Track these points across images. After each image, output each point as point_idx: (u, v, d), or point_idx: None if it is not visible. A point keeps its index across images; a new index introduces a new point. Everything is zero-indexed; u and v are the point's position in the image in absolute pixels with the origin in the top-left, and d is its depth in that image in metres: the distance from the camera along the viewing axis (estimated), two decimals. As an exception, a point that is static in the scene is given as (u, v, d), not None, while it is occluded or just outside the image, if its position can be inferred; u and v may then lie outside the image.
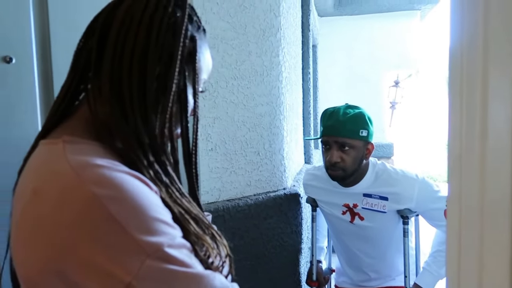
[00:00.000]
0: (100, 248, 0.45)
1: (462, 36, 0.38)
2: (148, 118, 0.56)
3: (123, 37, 0.55)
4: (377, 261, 1.54)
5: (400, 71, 5.84)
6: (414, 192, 1.38)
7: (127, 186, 0.48)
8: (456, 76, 0.39)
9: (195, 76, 0.61)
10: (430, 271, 1.43)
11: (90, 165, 0.48)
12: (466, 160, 0.38)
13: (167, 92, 0.57)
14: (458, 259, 0.40)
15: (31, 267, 0.48)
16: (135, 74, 0.55)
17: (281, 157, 1.75)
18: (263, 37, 1.64)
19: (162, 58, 0.57)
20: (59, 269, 0.46)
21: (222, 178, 1.56)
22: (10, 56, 0.76)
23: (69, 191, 0.46)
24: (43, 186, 0.49)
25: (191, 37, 0.61)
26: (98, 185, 0.46)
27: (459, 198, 0.40)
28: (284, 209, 1.69)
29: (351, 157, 1.38)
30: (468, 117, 0.38)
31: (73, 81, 0.60)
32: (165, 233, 0.49)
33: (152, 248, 0.47)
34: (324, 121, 1.44)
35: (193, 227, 0.55)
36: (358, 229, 1.50)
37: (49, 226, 0.46)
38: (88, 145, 0.54)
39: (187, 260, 0.50)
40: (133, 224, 0.46)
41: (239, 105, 1.58)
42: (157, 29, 0.56)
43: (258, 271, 1.64)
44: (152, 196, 0.51)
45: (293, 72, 2.16)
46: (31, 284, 0.49)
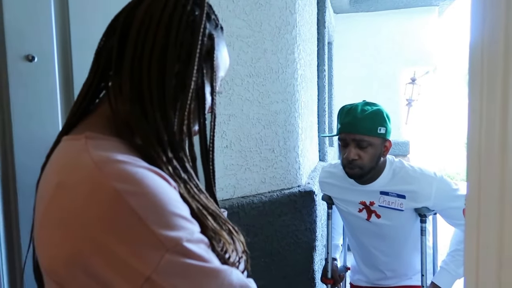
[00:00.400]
0: (122, 242, 0.46)
1: (483, 33, 0.38)
2: (167, 115, 0.57)
3: (143, 36, 0.56)
4: (393, 259, 1.53)
5: (417, 68, 5.75)
6: (432, 190, 1.36)
7: (148, 181, 0.49)
8: (476, 74, 0.39)
9: (213, 73, 0.62)
10: (448, 270, 1.41)
11: (111, 161, 0.50)
12: (485, 159, 0.38)
13: (186, 89, 0.58)
14: (477, 258, 0.40)
15: (56, 260, 0.49)
16: (154, 72, 0.56)
17: (295, 155, 1.75)
18: (278, 35, 1.64)
19: (181, 56, 0.57)
20: (83, 262, 0.47)
21: (237, 175, 1.57)
22: (32, 55, 0.78)
23: (92, 185, 0.48)
24: (67, 181, 0.50)
25: (209, 35, 0.62)
26: (120, 180, 0.48)
27: (477, 197, 0.39)
28: (299, 206, 1.69)
29: (369, 154, 1.36)
30: (488, 115, 0.37)
31: (94, 79, 0.61)
32: (184, 228, 0.50)
33: (171, 243, 0.48)
34: (342, 118, 1.42)
35: (210, 222, 0.56)
36: (375, 227, 1.48)
37: (73, 219, 0.48)
38: (109, 141, 0.55)
39: (205, 255, 0.51)
40: (153, 219, 0.47)
41: (254, 103, 1.59)
42: (176, 27, 0.57)
43: (272, 268, 1.65)
44: (171, 191, 0.52)
45: (308, 69, 2.16)
46: (55, 277, 0.50)
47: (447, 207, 1.39)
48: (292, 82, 1.71)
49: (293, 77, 1.71)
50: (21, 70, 0.77)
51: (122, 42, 0.58)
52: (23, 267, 0.66)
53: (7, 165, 0.76)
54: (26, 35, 0.78)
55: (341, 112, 1.44)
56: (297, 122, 1.75)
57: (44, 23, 0.80)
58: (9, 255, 0.78)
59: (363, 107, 1.39)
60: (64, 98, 0.85)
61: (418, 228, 1.44)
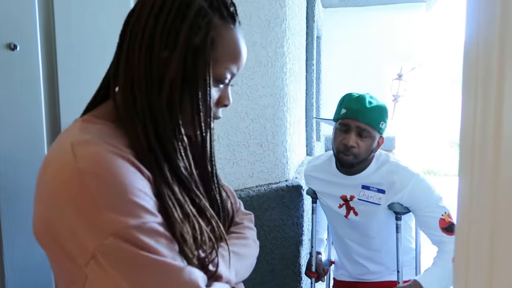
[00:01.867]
0: (77, 216, 0.50)
1: (479, 31, 0.37)
2: (153, 103, 0.58)
3: (137, 25, 0.59)
4: (374, 254, 1.55)
5: (403, 64, 5.80)
6: (409, 184, 1.38)
7: (112, 166, 0.52)
8: (471, 72, 0.38)
9: (206, 64, 0.60)
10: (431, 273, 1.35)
11: (88, 143, 0.54)
12: (478, 160, 0.38)
13: (169, 77, 0.58)
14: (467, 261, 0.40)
15: (37, 229, 0.56)
16: (143, 59, 0.58)
17: (283, 149, 1.75)
18: (268, 28, 1.62)
19: (168, 44, 0.58)
20: (52, 231, 0.53)
21: (225, 169, 1.56)
22: (14, 43, 0.75)
23: (63, 163, 0.53)
24: (49, 159, 0.56)
25: (207, 23, 0.59)
26: (86, 162, 0.51)
27: (469, 197, 0.39)
28: (286, 201, 1.69)
29: (366, 145, 1.38)
30: (482, 115, 0.37)
31: (110, 69, 0.65)
32: (137, 216, 0.51)
33: (117, 226, 0.50)
34: (349, 104, 1.40)
35: (175, 213, 0.56)
36: (353, 224, 1.51)
37: (46, 190, 0.54)
38: (102, 126, 0.59)
39: (155, 246, 0.51)
40: (106, 201, 0.50)
41: (242, 96, 1.58)
42: (165, 15, 0.58)
43: (259, 262, 1.64)
44: (137, 180, 0.53)
45: (297, 63, 2.15)
46: (41, 245, 0.57)
47: (420, 208, 1.39)
48: (281, 76, 1.70)
49: (282, 71, 1.70)
50: (3, 58, 0.74)
51: (122, 39, 0.62)
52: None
53: (-12, 157, 0.74)
54: (8, 22, 0.75)
55: (349, 98, 1.43)
56: (286, 117, 1.74)
57: (27, 10, 0.77)
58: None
59: (370, 99, 1.40)
60: (47, 87, 0.82)
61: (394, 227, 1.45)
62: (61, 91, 0.84)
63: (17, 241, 0.79)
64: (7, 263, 0.77)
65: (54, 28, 0.82)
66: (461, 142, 0.41)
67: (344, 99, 1.45)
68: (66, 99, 0.84)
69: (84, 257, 0.50)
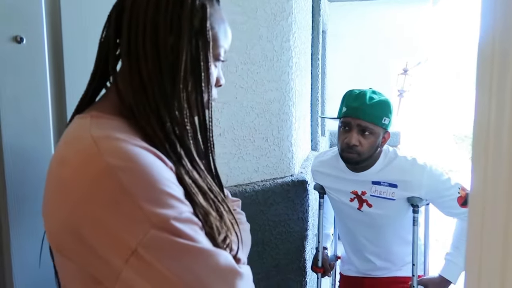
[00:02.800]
0: (111, 214, 0.49)
1: (495, 25, 0.36)
2: (165, 89, 0.59)
3: (135, 16, 0.59)
4: (383, 249, 1.54)
5: (409, 59, 5.76)
6: (423, 179, 1.37)
7: (141, 159, 0.52)
8: (485, 67, 0.37)
9: (207, 44, 0.62)
10: (455, 262, 1.42)
11: (109, 138, 0.53)
12: (492, 155, 0.37)
13: (179, 62, 0.59)
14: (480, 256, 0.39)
15: (53, 227, 0.54)
16: (149, 49, 0.58)
17: (289, 144, 1.74)
18: (274, 21, 1.61)
19: (173, 30, 0.59)
20: (76, 230, 0.50)
21: (230, 164, 1.56)
22: (21, 36, 0.75)
23: (88, 160, 0.51)
24: (67, 155, 0.54)
25: (201, 6, 0.62)
26: (114, 156, 0.50)
27: (483, 193, 0.38)
28: (291, 195, 1.69)
29: (369, 142, 1.36)
30: (497, 111, 0.36)
31: (98, 68, 0.65)
32: (173, 207, 0.52)
33: (157, 219, 0.50)
34: (349, 102, 1.39)
35: (198, 199, 0.58)
36: (366, 216, 1.49)
37: (70, 191, 0.51)
38: (113, 121, 0.58)
39: (193, 234, 0.53)
40: (142, 195, 0.50)
41: (248, 90, 1.57)
42: (165, 2, 0.59)
43: (264, 257, 1.65)
44: (165, 171, 0.54)
45: (303, 57, 2.13)
46: (58, 247, 0.55)
47: (440, 196, 1.40)
48: (287, 70, 1.69)
49: (288, 65, 1.69)
50: (9, 51, 0.74)
51: (118, 25, 0.61)
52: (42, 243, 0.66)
53: (-5, 150, 0.74)
54: (14, 15, 0.74)
55: (349, 96, 1.41)
56: (291, 111, 1.74)
57: (33, 3, 0.77)
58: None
59: (371, 95, 1.37)
60: (54, 81, 0.82)
61: (409, 219, 1.44)
62: (67, 84, 0.84)
63: (25, 238, 0.79)
64: (15, 260, 0.77)
65: (61, 21, 0.82)
66: (474, 138, 0.40)
67: (345, 96, 1.43)
68: (72, 92, 0.84)
69: (123, 254, 0.49)
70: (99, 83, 0.66)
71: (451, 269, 1.43)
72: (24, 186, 0.77)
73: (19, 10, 0.75)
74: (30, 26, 0.77)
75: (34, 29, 0.77)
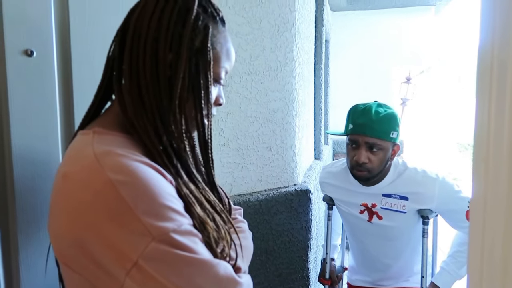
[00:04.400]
0: (112, 227, 0.50)
1: (494, 33, 0.37)
2: (163, 104, 0.61)
3: (138, 31, 0.61)
4: (393, 261, 1.52)
5: (412, 67, 5.77)
6: (435, 192, 1.35)
7: (140, 173, 0.53)
8: (485, 74, 0.38)
9: (207, 64, 0.64)
10: (448, 271, 1.41)
11: (110, 154, 0.54)
12: (493, 164, 0.37)
13: (177, 78, 0.61)
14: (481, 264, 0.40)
15: (61, 243, 0.55)
16: (148, 63, 0.60)
17: (292, 153, 1.75)
18: (277, 32, 1.63)
19: (172, 47, 0.61)
20: (82, 245, 0.52)
21: (234, 173, 1.57)
22: (31, 49, 0.77)
23: (90, 175, 0.52)
24: (71, 171, 0.55)
25: (204, 26, 0.64)
26: (114, 171, 0.52)
27: (484, 201, 0.39)
28: (295, 205, 1.69)
29: (379, 158, 1.34)
30: (496, 119, 0.37)
31: (104, 80, 0.67)
32: (172, 219, 0.53)
33: (157, 232, 0.51)
34: (355, 118, 1.36)
35: (196, 210, 0.59)
36: (376, 228, 1.47)
37: (73, 205, 0.52)
38: (114, 136, 0.60)
39: (192, 246, 0.54)
40: (142, 208, 0.51)
41: (252, 100, 1.58)
42: (167, 19, 0.61)
43: (267, 266, 1.65)
44: (165, 185, 0.56)
45: (306, 67, 2.15)
46: (63, 258, 0.56)
47: (450, 209, 1.38)
48: (290, 81, 1.70)
49: (291, 75, 1.70)
50: (20, 64, 0.75)
51: (123, 42, 0.63)
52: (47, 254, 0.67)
53: (4, 160, 0.75)
54: (25, 29, 0.76)
55: (354, 111, 1.39)
56: (295, 121, 1.75)
57: (43, 17, 0.79)
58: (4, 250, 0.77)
59: (377, 109, 1.34)
60: (62, 94, 0.84)
61: (419, 230, 1.43)
62: (75, 96, 0.85)
63: (32, 245, 0.80)
64: (23, 268, 0.78)
65: (69, 34, 0.84)
66: (475, 145, 0.40)
67: (351, 112, 1.41)
68: (80, 104, 0.86)
69: (124, 266, 0.51)
70: (105, 95, 0.68)
71: (444, 277, 1.42)
72: (32, 197, 0.79)
73: (30, 24, 0.77)
74: (40, 40, 0.78)
75: (44, 43, 0.79)
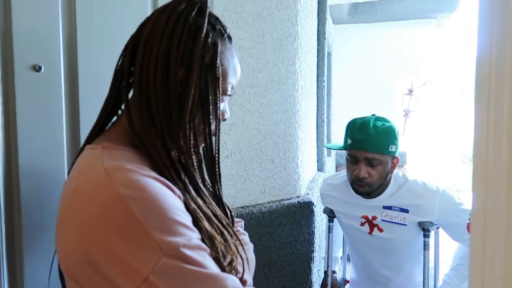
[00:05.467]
0: (123, 242, 0.50)
1: (491, 44, 0.37)
2: (172, 120, 0.61)
3: (149, 47, 0.62)
4: (395, 273, 1.52)
5: (414, 79, 5.80)
6: (436, 204, 1.35)
7: (150, 188, 0.53)
8: (483, 85, 0.38)
9: (216, 80, 0.65)
10: (451, 284, 1.40)
11: (120, 169, 0.54)
12: (492, 176, 0.38)
13: (187, 94, 0.61)
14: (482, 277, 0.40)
15: (69, 258, 0.55)
16: (159, 79, 0.61)
17: (295, 165, 1.75)
18: (280, 46, 1.65)
19: (183, 63, 0.62)
20: (91, 260, 0.51)
21: (237, 185, 1.57)
22: (39, 65, 0.78)
23: (101, 190, 0.52)
24: (80, 186, 0.55)
25: (213, 43, 0.65)
26: (125, 186, 0.52)
27: (484, 213, 0.39)
28: (298, 217, 1.69)
29: (379, 172, 1.35)
30: (495, 129, 0.37)
31: (112, 94, 0.67)
32: (182, 234, 0.54)
33: (168, 247, 0.51)
34: (353, 133, 1.37)
35: (204, 224, 0.60)
36: (377, 240, 1.47)
37: (83, 219, 0.52)
38: (123, 151, 0.60)
39: (202, 261, 0.55)
40: (153, 223, 0.51)
41: (255, 113, 1.60)
42: (178, 37, 0.61)
43: (270, 279, 1.64)
44: (174, 199, 0.56)
45: (309, 80, 2.17)
46: (70, 274, 0.56)
47: (451, 222, 1.38)
48: (293, 93, 1.72)
49: (293, 88, 1.72)
50: (28, 79, 0.77)
51: (132, 57, 0.64)
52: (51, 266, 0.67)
53: (11, 174, 0.76)
54: (33, 44, 0.78)
55: (352, 126, 1.40)
56: (297, 133, 1.76)
57: (51, 33, 0.81)
58: (10, 263, 0.77)
59: (375, 123, 1.35)
60: (69, 108, 0.85)
61: (420, 243, 1.43)
62: (81, 111, 0.87)
63: (37, 257, 0.80)
64: (27, 278, 0.79)
65: (77, 51, 0.86)
66: (474, 156, 0.41)
67: (349, 126, 1.42)
68: (86, 119, 0.87)
69: (134, 282, 0.51)
70: (112, 109, 0.69)
71: None
72: (38, 210, 0.79)
73: (38, 40, 0.79)
74: (48, 55, 0.80)
75: (52, 58, 0.81)
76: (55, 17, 0.82)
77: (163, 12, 0.64)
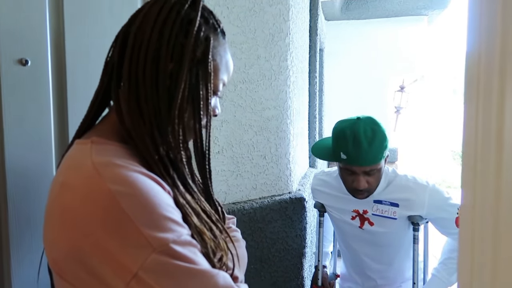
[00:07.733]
0: (112, 238, 0.50)
1: (480, 42, 0.37)
2: (161, 114, 0.60)
3: (139, 40, 0.60)
4: (385, 267, 1.54)
5: (405, 76, 5.83)
6: (425, 198, 1.37)
7: (140, 184, 0.53)
8: (472, 83, 0.38)
9: (207, 75, 0.64)
10: (439, 277, 1.42)
11: (110, 164, 0.54)
12: (481, 170, 0.38)
13: (177, 88, 0.61)
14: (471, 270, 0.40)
15: (57, 254, 0.54)
16: (149, 72, 0.60)
17: (287, 161, 1.75)
18: (272, 42, 1.65)
19: (174, 56, 0.61)
20: (80, 256, 0.51)
21: (228, 181, 1.57)
22: (26, 59, 0.77)
23: (90, 186, 0.52)
24: (69, 181, 0.54)
25: (206, 38, 0.64)
26: (114, 182, 0.51)
27: (472, 208, 0.39)
28: (289, 213, 1.69)
29: (376, 178, 1.36)
30: (484, 126, 0.37)
31: (102, 88, 0.66)
32: (172, 230, 0.53)
33: (158, 243, 0.51)
34: (347, 150, 1.32)
35: (193, 220, 0.59)
36: (367, 234, 1.49)
37: (71, 215, 0.52)
38: (112, 146, 0.59)
39: (192, 257, 0.54)
40: (142, 220, 0.51)
41: (246, 109, 1.59)
42: (169, 29, 0.61)
43: (262, 275, 1.65)
44: (163, 195, 0.55)
45: (300, 76, 2.17)
46: (58, 270, 0.55)
47: (440, 216, 1.40)
48: (285, 89, 1.71)
49: (285, 84, 1.71)
50: (14, 73, 0.76)
51: (123, 49, 0.62)
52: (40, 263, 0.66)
53: (-3, 169, 0.75)
54: (20, 38, 0.77)
55: (343, 139, 1.33)
56: (289, 129, 1.76)
57: (38, 27, 0.80)
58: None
59: (366, 134, 1.30)
60: (57, 103, 0.84)
61: (410, 236, 1.45)
62: (69, 105, 0.86)
63: (24, 253, 0.79)
64: (15, 275, 0.78)
65: (64, 44, 0.84)
66: (463, 152, 0.41)
67: (339, 138, 1.35)
68: (74, 113, 0.86)
69: (124, 278, 0.50)
70: (102, 102, 0.68)
71: (435, 284, 1.44)
72: (25, 205, 0.78)
73: (25, 33, 0.77)
74: (35, 49, 0.79)
75: (38, 52, 0.79)
76: (42, 10, 0.80)
77: (155, 4, 0.63)
